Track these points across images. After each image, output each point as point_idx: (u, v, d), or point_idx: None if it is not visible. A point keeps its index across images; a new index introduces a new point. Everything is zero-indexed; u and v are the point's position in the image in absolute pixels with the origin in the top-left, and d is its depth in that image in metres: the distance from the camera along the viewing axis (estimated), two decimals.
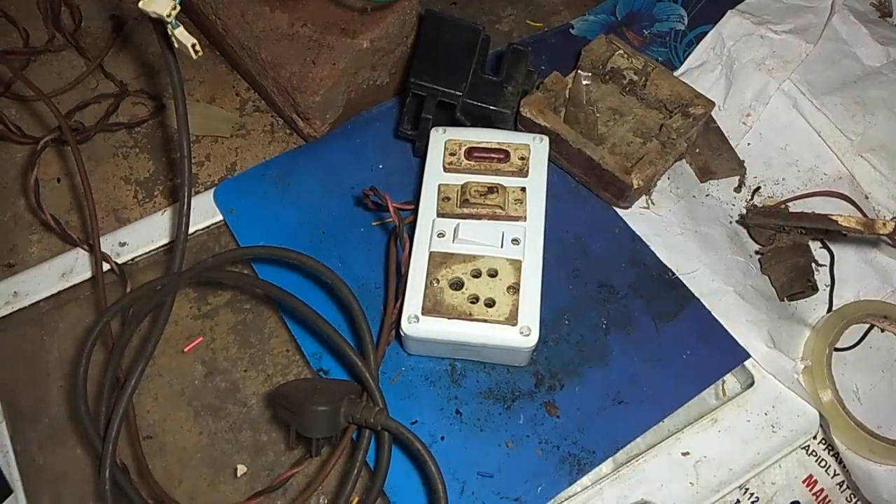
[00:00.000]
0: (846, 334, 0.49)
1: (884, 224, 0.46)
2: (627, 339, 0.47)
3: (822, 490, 0.45)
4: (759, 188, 0.54)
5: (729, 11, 0.59)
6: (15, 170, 0.56)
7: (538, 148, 0.48)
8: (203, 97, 0.59)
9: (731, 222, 0.53)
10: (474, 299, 0.43)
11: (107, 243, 0.51)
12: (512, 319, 0.43)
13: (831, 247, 0.52)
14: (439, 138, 0.49)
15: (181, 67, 0.46)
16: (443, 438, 0.44)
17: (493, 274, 0.44)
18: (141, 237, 0.52)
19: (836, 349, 0.48)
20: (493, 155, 0.48)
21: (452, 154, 0.48)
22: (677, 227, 0.52)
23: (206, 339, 0.49)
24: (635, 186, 0.49)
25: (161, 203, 0.55)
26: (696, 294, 0.49)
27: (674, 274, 0.50)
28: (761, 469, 0.44)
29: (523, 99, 0.51)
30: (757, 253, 0.52)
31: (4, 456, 0.45)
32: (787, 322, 0.49)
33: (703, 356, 0.44)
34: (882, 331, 0.49)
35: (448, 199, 0.47)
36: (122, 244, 0.52)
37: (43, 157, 0.51)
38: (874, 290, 0.50)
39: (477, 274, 0.44)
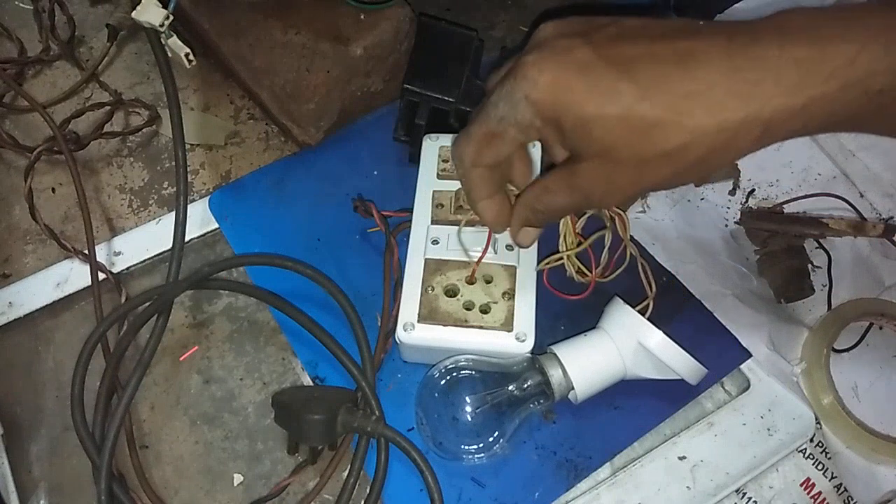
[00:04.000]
0: (844, 334, 0.49)
1: (873, 226, 0.47)
2: None
3: (819, 493, 0.45)
4: (753, 191, 0.55)
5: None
6: (9, 180, 0.56)
7: (531, 152, 0.48)
8: (197, 106, 0.59)
9: (726, 225, 0.54)
10: (469, 306, 0.43)
11: (102, 252, 0.51)
12: (507, 326, 0.43)
13: (827, 248, 0.52)
14: (432, 145, 0.49)
15: (175, 76, 0.46)
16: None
17: (488, 280, 0.44)
18: (136, 246, 0.52)
19: (836, 350, 0.48)
20: None
21: (446, 161, 0.48)
22: (673, 231, 0.52)
23: (201, 347, 0.49)
24: None
25: (156, 212, 0.55)
26: (696, 297, 0.49)
27: (671, 277, 0.50)
28: (758, 473, 0.44)
29: None
30: (755, 253, 0.52)
31: (0, 467, 0.45)
32: (785, 324, 0.49)
33: (701, 359, 0.44)
34: (880, 328, 0.50)
35: (442, 205, 0.47)
36: (118, 253, 0.52)
37: (37, 167, 0.51)
38: (869, 288, 0.50)
39: (472, 280, 0.44)
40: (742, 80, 0.28)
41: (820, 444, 0.46)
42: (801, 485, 0.45)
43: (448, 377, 0.43)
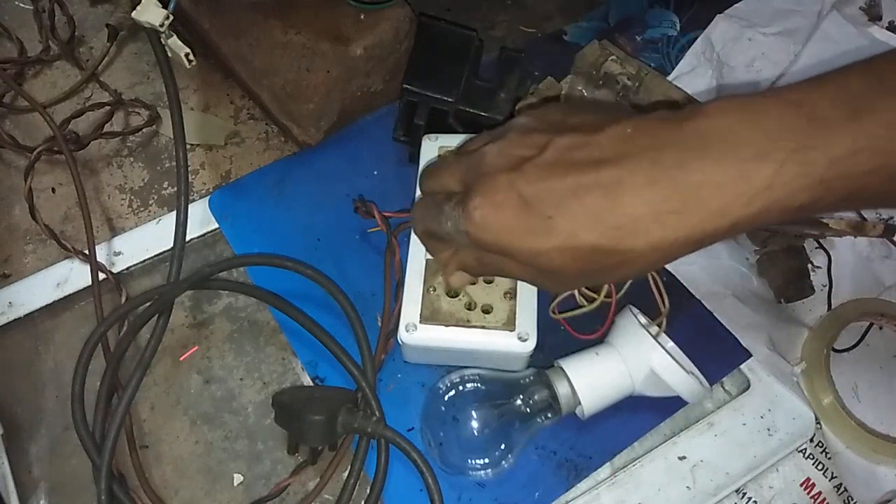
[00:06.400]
0: (844, 334, 0.49)
1: (873, 226, 0.47)
2: None
3: (819, 493, 0.45)
4: None
5: (717, 16, 0.59)
6: (9, 180, 0.56)
7: None
8: (197, 106, 0.59)
9: None
10: (471, 306, 0.43)
11: (102, 252, 0.51)
12: (509, 325, 0.43)
13: (827, 248, 0.52)
14: (431, 146, 0.49)
15: (175, 76, 0.46)
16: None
17: (489, 280, 0.44)
18: (136, 246, 0.52)
19: (836, 350, 0.48)
20: None
21: None
22: None
23: (201, 347, 0.49)
24: None
25: (156, 212, 0.55)
26: (696, 297, 0.49)
27: (671, 277, 0.50)
28: (758, 473, 0.45)
29: (517, 105, 0.51)
30: (755, 253, 0.52)
31: (0, 467, 0.45)
32: (785, 324, 0.49)
33: (701, 359, 0.44)
34: (880, 328, 0.50)
35: None
36: (118, 253, 0.52)
37: (37, 167, 0.51)
38: (869, 288, 0.51)
39: (473, 280, 0.44)
40: (667, 211, 0.30)
41: (820, 444, 0.46)
42: (801, 485, 0.45)
43: (454, 391, 0.43)
